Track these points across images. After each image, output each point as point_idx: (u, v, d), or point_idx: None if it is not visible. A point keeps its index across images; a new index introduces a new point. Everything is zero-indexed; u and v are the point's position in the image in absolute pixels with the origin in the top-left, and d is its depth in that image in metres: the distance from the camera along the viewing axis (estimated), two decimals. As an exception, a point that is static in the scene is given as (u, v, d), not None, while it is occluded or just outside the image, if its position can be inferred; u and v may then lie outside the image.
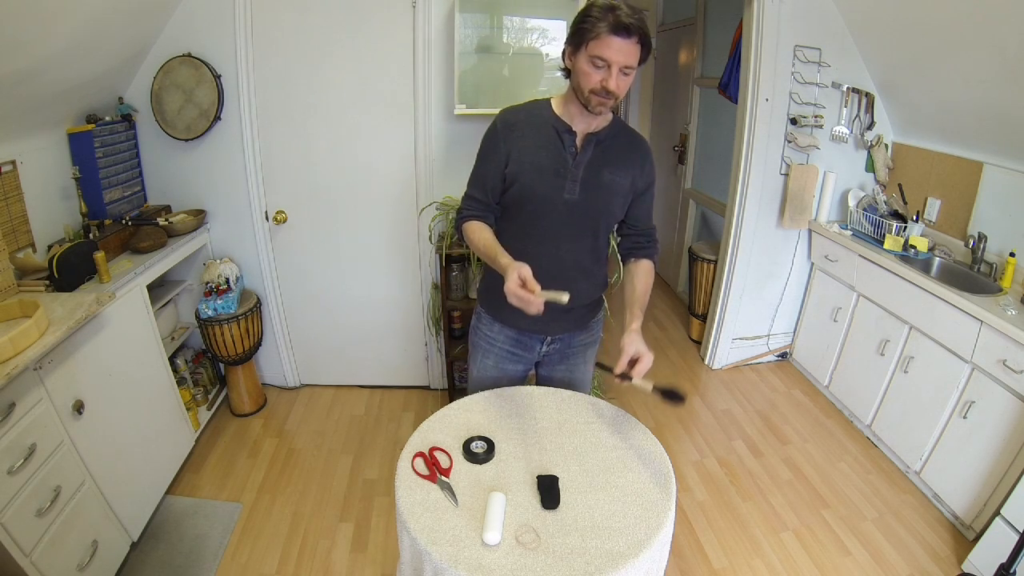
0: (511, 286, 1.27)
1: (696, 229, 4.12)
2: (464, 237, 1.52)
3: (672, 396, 1.30)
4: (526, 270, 1.29)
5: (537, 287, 1.27)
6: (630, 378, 1.32)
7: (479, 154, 1.49)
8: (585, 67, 1.30)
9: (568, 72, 1.37)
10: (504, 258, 1.38)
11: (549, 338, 1.61)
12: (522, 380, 1.67)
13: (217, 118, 2.41)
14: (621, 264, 1.66)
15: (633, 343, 1.37)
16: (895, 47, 2.53)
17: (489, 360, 1.63)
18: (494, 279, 1.53)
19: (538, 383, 1.69)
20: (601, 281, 1.62)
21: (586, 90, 1.31)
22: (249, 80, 2.40)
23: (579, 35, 1.29)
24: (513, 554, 1.02)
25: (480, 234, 1.47)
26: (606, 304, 1.84)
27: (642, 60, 1.30)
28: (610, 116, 1.45)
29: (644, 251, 1.58)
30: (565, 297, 1.24)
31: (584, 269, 1.54)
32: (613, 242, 1.67)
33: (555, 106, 1.44)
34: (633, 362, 1.36)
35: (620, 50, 1.25)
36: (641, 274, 1.55)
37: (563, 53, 1.37)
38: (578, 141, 1.42)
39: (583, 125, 1.41)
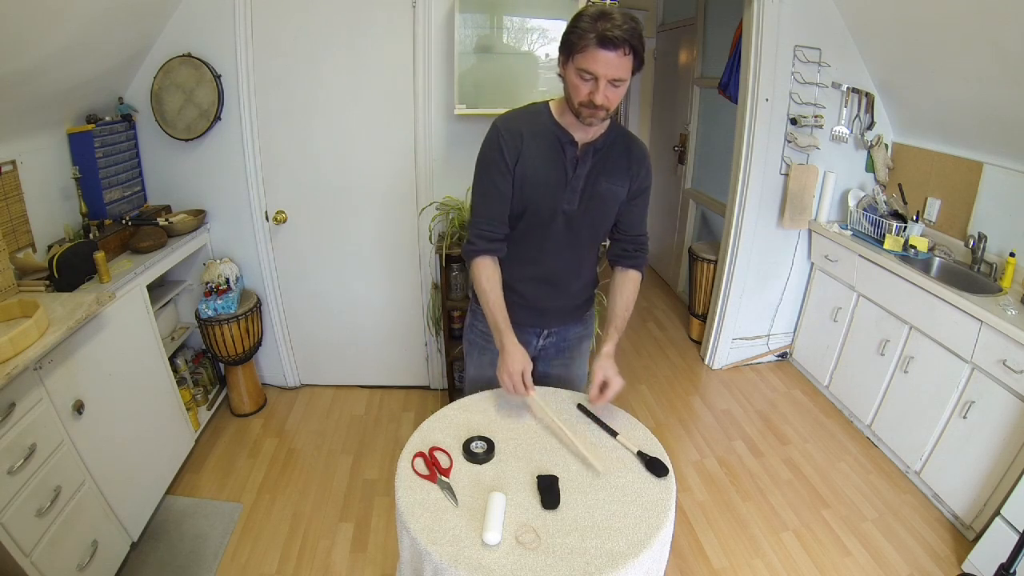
0: (512, 377, 1.37)
1: (696, 229, 4.12)
2: (471, 273, 1.47)
3: (656, 467, 1.24)
4: (528, 366, 1.39)
5: (534, 391, 1.39)
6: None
7: (482, 167, 1.43)
8: (574, 79, 1.27)
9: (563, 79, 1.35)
10: (509, 336, 1.42)
11: (545, 331, 1.62)
12: None
13: (217, 118, 2.40)
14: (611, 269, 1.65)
15: (603, 368, 1.40)
16: (895, 47, 2.53)
17: (486, 357, 1.63)
18: None
19: (535, 379, 1.69)
20: (592, 280, 1.64)
21: (576, 103, 1.29)
22: (249, 80, 2.40)
23: (567, 47, 1.26)
24: (513, 554, 1.02)
25: (490, 284, 1.44)
26: (606, 301, 1.84)
27: (635, 70, 1.26)
28: (607, 122, 1.41)
29: (631, 260, 1.56)
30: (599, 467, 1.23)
31: (578, 273, 1.56)
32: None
33: (554, 111, 1.40)
34: (603, 387, 1.39)
35: (608, 63, 1.20)
36: (625, 289, 1.54)
37: (558, 61, 1.34)
38: (578, 151, 1.39)
39: (582, 134, 1.38)
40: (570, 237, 1.46)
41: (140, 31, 2.20)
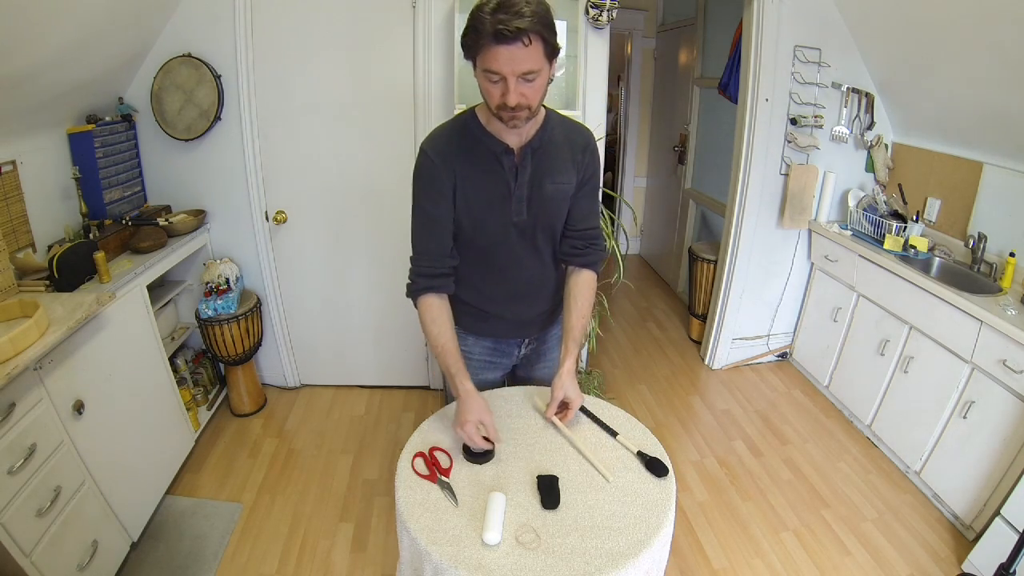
0: (469, 431, 1.20)
1: (696, 229, 4.12)
2: (420, 316, 1.34)
3: (656, 467, 1.23)
4: (489, 417, 1.24)
5: (499, 440, 1.26)
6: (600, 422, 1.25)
7: (417, 198, 1.32)
8: (483, 83, 1.14)
9: None
10: (464, 382, 1.27)
11: (527, 340, 1.58)
12: (500, 386, 1.63)
13: (217, 118, 2.40)
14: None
15: (563, 388, 1.33)
16: (895, 47, 2.53)
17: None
18: (462, 292, 1.46)
19: (520, 384, 1.64)
20: (563, 278, 1.52)
21: (493, 107, 1.16)
22: (249, 80, 2.40)
23: (468, 50, 1.13)
24: (513, 554, 1.02)
25: (437, 326, 1.31)
26: (606, 301, 1.82)
27: (549, 57, 1.12)
28: (541, 116, 1.29)
29: (582, 258, 1.43)
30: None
31: (548, 277, 1.49)
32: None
33: (482, 119, 1.28)
34: (564, 407, 1.35)
35: (511, 59, 1.07)
36: (579, 293, 1.41)
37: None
38: (516, 158, 1.28)
39: (515, 137, 1.26)
40: (527, 247, 1.38)
41: (140, 31, 2.20)
